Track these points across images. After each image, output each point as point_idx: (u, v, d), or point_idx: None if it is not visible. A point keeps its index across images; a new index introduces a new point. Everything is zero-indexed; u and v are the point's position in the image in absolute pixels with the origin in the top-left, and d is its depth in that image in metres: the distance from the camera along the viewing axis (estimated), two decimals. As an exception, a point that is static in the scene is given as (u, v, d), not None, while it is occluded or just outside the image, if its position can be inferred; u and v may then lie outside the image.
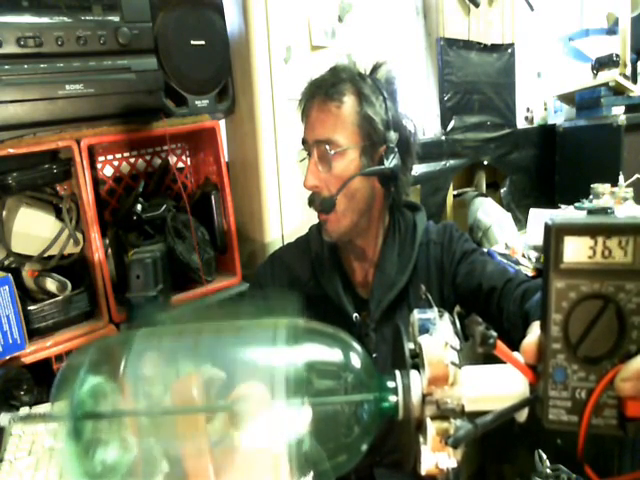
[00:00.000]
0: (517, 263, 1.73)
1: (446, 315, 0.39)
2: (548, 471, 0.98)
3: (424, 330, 0.38)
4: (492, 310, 0.89)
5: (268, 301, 1.02)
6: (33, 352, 1.04)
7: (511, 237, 1.93)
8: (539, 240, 1.70)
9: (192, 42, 1.21)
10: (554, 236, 0.34)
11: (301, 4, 1.40)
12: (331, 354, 0.39)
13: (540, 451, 1.02)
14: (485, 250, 1.79)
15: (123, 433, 0.34)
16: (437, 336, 0.38)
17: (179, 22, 1.18)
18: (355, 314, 0.97)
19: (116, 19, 1.06)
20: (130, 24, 1.08)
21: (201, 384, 0.35)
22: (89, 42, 1.03)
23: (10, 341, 0.99)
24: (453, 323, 0.39)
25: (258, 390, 0.35)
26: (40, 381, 1.04)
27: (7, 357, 0.99)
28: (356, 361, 0.39)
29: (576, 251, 0.34)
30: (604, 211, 1.49)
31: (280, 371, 0.35)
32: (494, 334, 0.33)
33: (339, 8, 1.48)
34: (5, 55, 0.95)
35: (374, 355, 0.96)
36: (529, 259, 1.73)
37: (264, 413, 0.34)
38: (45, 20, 0.99)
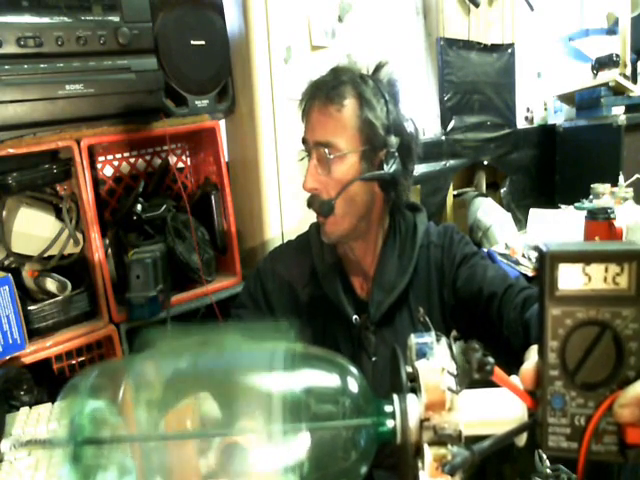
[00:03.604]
0: (517, 263, 1.73)
1: (443, 339, 0.39)
2: (548, 471, 0.97)
3: (421, 354, 0.38)
4: (492, 316, 0.88)
5: (267, 302, 1.03)
6: (33, 352, 1.04)
7: (511, 237, 1.93)
8: (539, 240, 1.69)
9: (192, 42, 1.21)
10: (548, 263, 0.34)
11: (301, 4, 1.40)
12: (329, 379, 0.39)
13: (540, 451, 1.02)
14: (485, 251, 1.79)
15: (122, 457, 0.35)
16: (434, 361, 0.38)
17: (179, 22, 1.18)
18: (355, 316, 0.96)
19: (116, 19, 1.06)
20: (130, 24, 1.08)
21: (196, 417, 0.35)
22: (89, 42, 1.03)
23: (10, 341, 0.99)
24: (450, 347, 0.38)
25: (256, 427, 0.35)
26: (40, 381, 1.04)
27: (7, 357, 1.00)
28: (353, 385, 0.39)
29: (571, 278, 0.34)
30: (604, 211, 1.48)
31: (278, 397, 0.35)
32: (491, 361, 0.33)
33: (339, 8, 1.47)
34: (5, 55, 0.95)
35: (374, 358, 0.96)
36: (529, 259, 1.73)
37: (262, 440, 0.35)
38: (45, 20, 0.99)
